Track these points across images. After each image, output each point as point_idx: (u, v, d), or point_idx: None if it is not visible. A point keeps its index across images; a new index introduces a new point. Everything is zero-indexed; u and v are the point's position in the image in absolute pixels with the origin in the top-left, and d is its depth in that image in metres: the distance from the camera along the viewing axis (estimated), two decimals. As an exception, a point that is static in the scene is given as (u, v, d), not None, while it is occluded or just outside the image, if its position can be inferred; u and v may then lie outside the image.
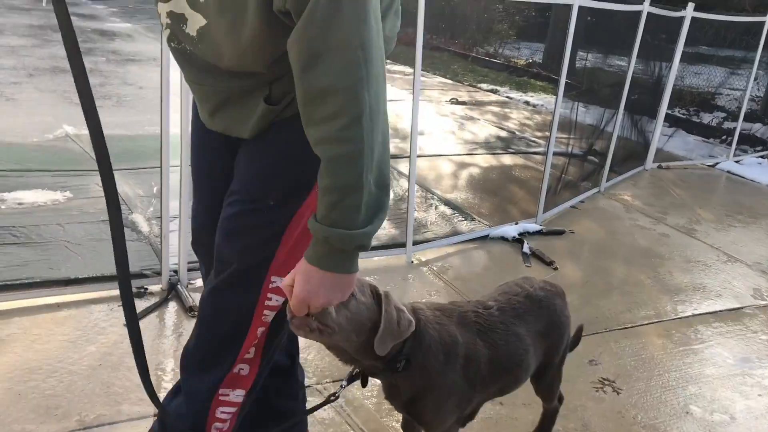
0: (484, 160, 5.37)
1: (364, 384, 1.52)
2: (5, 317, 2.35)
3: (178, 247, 2.72)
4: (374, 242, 3.53)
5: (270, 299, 1.50)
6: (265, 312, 1.49)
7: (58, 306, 2.46)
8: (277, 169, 1.44)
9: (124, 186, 3.73)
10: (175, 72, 2.59)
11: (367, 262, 3.21)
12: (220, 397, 1.54)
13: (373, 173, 1.23)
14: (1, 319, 2.33)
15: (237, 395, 1.54)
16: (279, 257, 1.48)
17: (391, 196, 4.09)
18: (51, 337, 2.28)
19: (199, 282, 2.78)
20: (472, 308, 1.66)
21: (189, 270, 2.74)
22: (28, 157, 4.08)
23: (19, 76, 6.39)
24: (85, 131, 4.28)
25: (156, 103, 2.60)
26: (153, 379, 2.03)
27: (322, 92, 1.18)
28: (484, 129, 6.46)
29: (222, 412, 1.56)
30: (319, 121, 1.20)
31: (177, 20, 1.34)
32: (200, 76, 1.42)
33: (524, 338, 1.69)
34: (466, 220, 3.90)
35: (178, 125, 2.61)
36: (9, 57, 7.12)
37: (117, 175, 4.08)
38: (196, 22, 1.31)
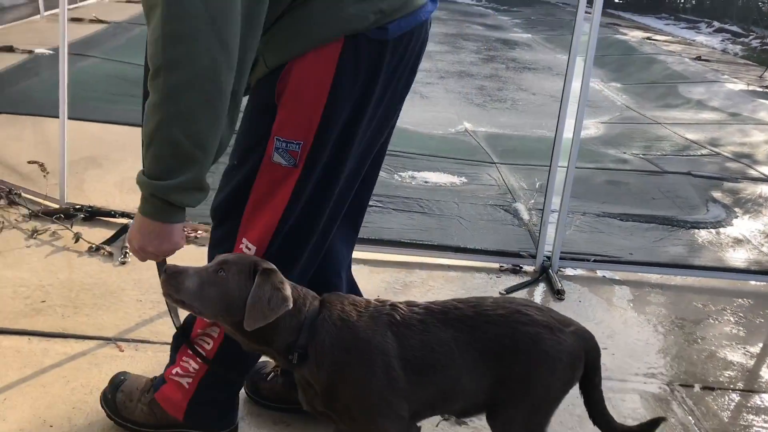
0: None
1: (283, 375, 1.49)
2: (409, 268, 2.88)
3: (553, 237, 2.97)
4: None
5: None
6: None
7: (449, 267, 2.92)
8: (240, 129, 1.57)
9: (510, 178, 4.13)
10: (576, 83, 2.87)
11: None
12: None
13: (180, 127, 1.27)
14: (407, 269, 2.87)
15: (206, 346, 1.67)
16: (245, 217, 1.56)
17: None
18: (441, 291, 2.73)
19: (569, 270, 3.01)
20: (393, 303, 1.50)
21: (561, 258, 2.98)
22: (434, 146, 4.76)
23: (432, 77, 7.34)
24: (481, 128, 4.80)
25: (545, 110, 2.89)
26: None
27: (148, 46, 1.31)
28: None
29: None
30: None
31: None
32: None
33: (447, 344, 1.45)
34: None
35: (570, 130, 2.87)
36: (426, 61, 8.17)
37: (505, 168, 4.56)
38: None
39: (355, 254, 2.91)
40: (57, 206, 3.00)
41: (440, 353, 1.46)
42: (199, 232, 2.97)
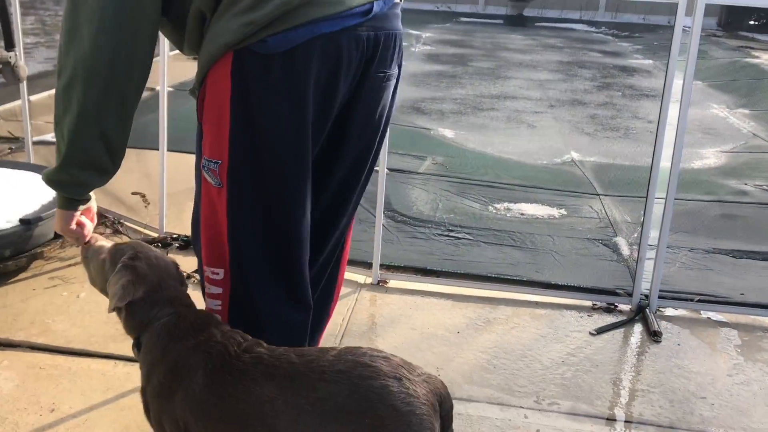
0: None
1: None
2: (494, 303, 2.78)
3: (652, 274, 2.78)
4: None
5: (209, 287, 1.58)
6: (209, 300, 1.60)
7: (537, 304, 2.79)
8: None
9: (613, 210, 3.92)
10: (674, 108, 2.68)
11: None
12: None
13: (63, 124, 1.43)
14: (491, 304, 2.77)
15: None
16: (203, 242, 1.55)
17: None
18: (526, 328, 2.61)
19: (669, 310, 2.80)
20: (228, 340, 1.39)
21: (660, 297, 2.78)
22: (535, 176, 4.62)
23: (541, 106, 7.18)
24: (590, 158, 4.60)
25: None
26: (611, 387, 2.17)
27: None
28: None
29: None
30: None
31: None
32: None
33: (261, 401, 1.29)
34: None
35: (669, 159, 2.68)
36: (536, 89, 8.03)
37: (609, 200, 4.33)
38: None
39: (438, 288, 2.89)
40: (156, 235, 3.15)
41: (246, 411, 1.32)
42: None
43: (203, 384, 1.35)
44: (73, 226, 1.57)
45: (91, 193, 1.60)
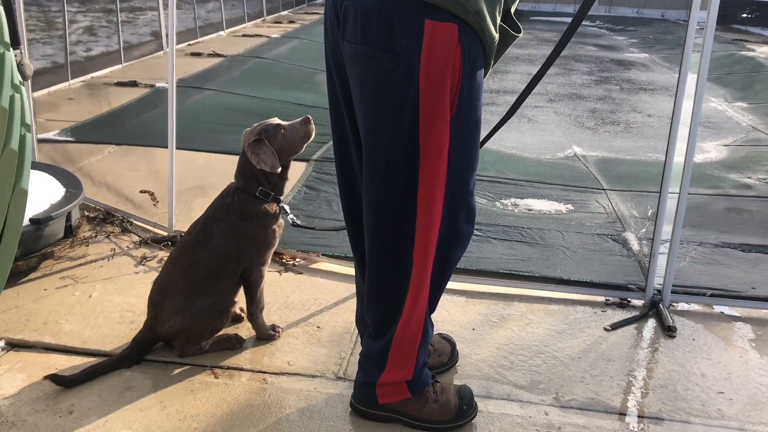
0: None
1: None
2: (508, 300, 2.77)
3: (665, 269, 2.78)
4: None
5: None
6: None
7: (550, 300, 2.79)
8: None
9: (620, 205, 3.93)
10: (688, 102, 2.68)
11: None
12: None
13: None
14: (505, 301, 2.77)
15: None
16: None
17: None
18: (541, 324, 2.60)
19: (682, 305, 2.80)
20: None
21: (673, 292, 2.78)
22: (540, 171, 4.62)
23: (541, 101, 7.18)
24: (592, 153, 4.60)
25: (661, 132, 2.71)
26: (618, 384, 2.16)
27: None
28: None
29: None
30: None
31: None
32: None
33: None
34: None
35: (683, 154, 2.68)
36: (535, 84, 8.03)
37: (615, 195, 4.31)
38: None
39: (451, 284, 2.87)
40: (165, 233, 3.13)
41: None
42: (297, 259, 3.00)
43: None
44: None
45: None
